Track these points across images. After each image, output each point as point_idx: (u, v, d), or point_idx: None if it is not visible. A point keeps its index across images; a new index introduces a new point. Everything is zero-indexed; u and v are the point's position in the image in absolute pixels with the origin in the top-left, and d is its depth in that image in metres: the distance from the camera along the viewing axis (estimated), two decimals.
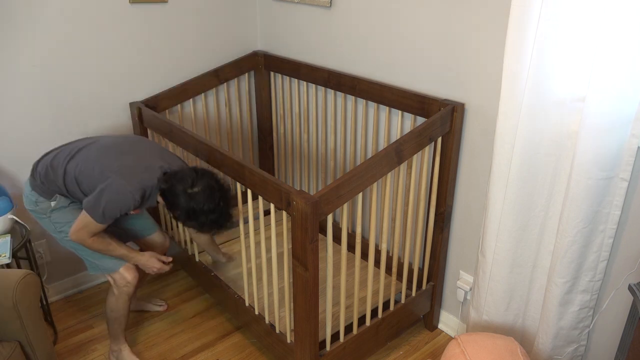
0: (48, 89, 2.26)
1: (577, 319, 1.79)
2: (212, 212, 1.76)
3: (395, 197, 2.16)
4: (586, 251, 1.68)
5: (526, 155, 1.70)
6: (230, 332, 2.35)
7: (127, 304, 2.03)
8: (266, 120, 2.92)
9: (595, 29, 1.48)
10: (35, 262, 2.18)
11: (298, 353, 1.86)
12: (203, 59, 2.68)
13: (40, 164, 1.91)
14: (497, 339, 1.77)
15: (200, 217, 1.76)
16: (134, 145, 1.92)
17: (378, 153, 1.73)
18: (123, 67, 2.44)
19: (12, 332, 1.65)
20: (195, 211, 1.75)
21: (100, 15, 2.30)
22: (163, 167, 1.83)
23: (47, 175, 1.88)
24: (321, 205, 1.59)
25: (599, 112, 1.49)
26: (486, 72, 1.85)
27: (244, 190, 2.74)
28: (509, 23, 1.58)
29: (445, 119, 1.90)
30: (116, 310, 2.04)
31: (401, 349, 2.25)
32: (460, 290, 2.20)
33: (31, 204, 1.93)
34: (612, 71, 1.43)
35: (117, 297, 2.01)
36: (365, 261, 2.26)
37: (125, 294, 2.00)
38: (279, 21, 2.70)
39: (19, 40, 2.13)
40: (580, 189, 1.59)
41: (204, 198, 1.74)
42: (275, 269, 1.88)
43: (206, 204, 1.74)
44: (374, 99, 2.21)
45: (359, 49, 2.30)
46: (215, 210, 1.77)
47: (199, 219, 1.77)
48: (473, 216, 2.08)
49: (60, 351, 2.24)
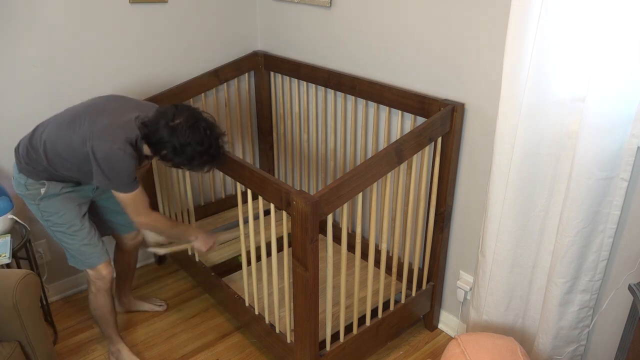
0: (48, 89, 2.26)
1: (577, 319, 1.79)
2: (200, 143, 1.69)
3: (395, 197, 2.16)
4: (586, 251, 1.68)
5: (526, 155, 1.70)
6: (230, 332, 2.35)
7: (107, 299, 2.03)
8: (266, 120, 2.92)
9: (595, 29, 1.48)
10: (35, 262, 2.18)
11: (298, 353, 1.86)
12: (203, 59, 2.68)
13: (21, 146, 1.87)
14: (497, 339, 1.77)
15: (187, 149, 1.68)
16: (105, 104, 1.84)
17: (378, 153, 1.73)
18: (123, 67, 2.44)
19: (12, 332, 1.65)
20: (182, 144, 1.67)
21: (100, 15, 2.30)
22: (140, 117, 1.76)
23: (28, 155, 1.82)
24: (321, 205, 1.59)
25: (599, 112, 1.49)
26: (486, 72, 1.85)
27: (244, 190, 2.74)
28: (509, 23, 1.58)
29: (445, 119, 1.91)
30: (98, 308, 2.04)
31: (401, 349, 2.25)
32: (460, 290, 2.20)
33: (21, 187, 1.88)
34: (612, 71, 1.43)
35: (95, 294, 2.00)
36: (365, 261, 2.26)
37: (102, 290, 2.00)
38: (279, 21, 2.70)
39: (19, 40, 2.13)
40: (580, 189, 1.59)
41: (187, 128, 1.66)
42: (275, 269, 1.88)
43: (191, 134, 1.67)
44: (374, 99, 2.21)
45: (359, 49, 2.30)
46: (204, 141, 1.69)
47: (186, 151, 1.68)
48: (473, 216, 2.08)
49: (60, 351, 2.24)
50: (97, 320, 2.08)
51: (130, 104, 1.86)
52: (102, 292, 2.00)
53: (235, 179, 1.90)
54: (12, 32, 2.11)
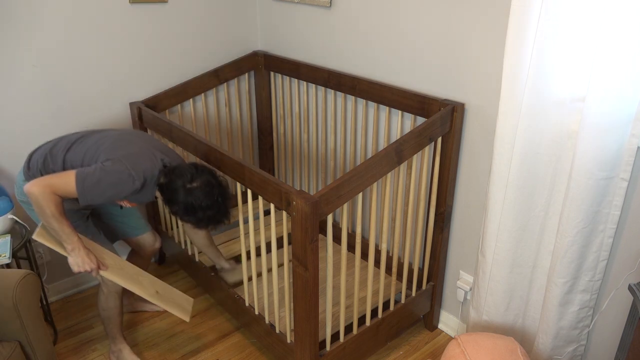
0: (48, 89, 2.26)
1: (577, 319, 1.79)
2: (210, 208, 1.76)
3: (395, 197, 2.16)
4: (586, 251, 1.68)
5: (526, 155, 1.70)
6: (230, 332, 2.35)
7: (117, 301, 2.03)
8: (266, 120, 2.92)
9: (595, 29, 1.48)
10: (35, 262, 2.18)
11: (298, 353, 1.86)
12: (203, 59, 2.68)
13: (38, 153, 1.87)
14: (497, 339, 1.77)
15: (198, 213, 1.75)
16: (136, 137, 1.90)
17: (378, 153, 1.73)
18: (123, 67, 2.44)
19: (12, 332, 1.65)
20: (194, 206, 1.74)
21: (100, 15, 2.30)
22: (164, 160, 1.82)
23: (45, 164, 1.83)
24: (321, 205, 1.59)
25: (599, 112, 1.49)
26: (486, 72, 1.85)
27: (244, 190, 2.74)
28: (509, 23, 1.58)
29: (445, 119, 1.91)
30: (107, 309, 2.04)
31: (401, 349, 2.25)
32: (460, 290, 2.20)
33: (23, 194, 1.89)
34: (612, 71, 1.43)
35: (107, 295, 2.00)
36: (365, 261, 2.26)
37: (114, 292, 2.00)
38: (279, 21, 2.70)
39: (19, 40, 2.13)
40: (580, 189, 1.59)
41: (202, 193, 1.74)
42: (275, 269, 1.88)
43: (204, 199, 1.74)
44: (374, 99, 2.21)
45: (359, 49, 2.30)
46: (213, 206, 1.76)
47: (196, 214, 1.76)
48: (473, 216, 2.08)
49: (60, 351, 2.24)
50: (104, 320, 2.08)
51: (157, 145, 1.90)
52: (113, 294, 2.01)
53: (235, 179, 1.90)
54: (12, 32, 2.11)
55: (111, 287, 1.98)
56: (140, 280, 1.98)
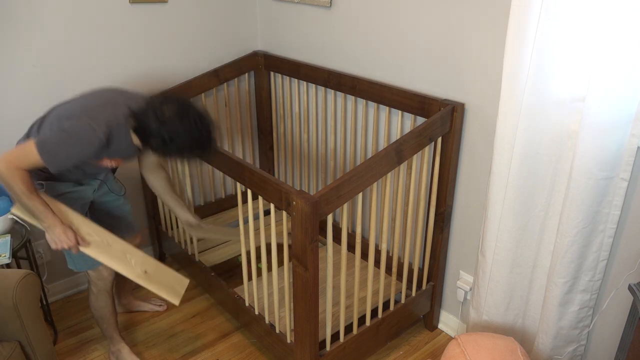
0: (48, 89, 2.26)
1: (577, 319, 1.79)
2: (190, 132, 1.61)
3: (395, 197, 2.16)
4: (586, 251, 1.68)
5: (526, 155, 1.70)
6: (230, 332, 2.35)
7: (108, 300, 2.02)
8: (266, 120, 2.92)
9: (595, 29, 1.48)
10: (35, 262, 2.18)
11: (298, 353, 1.86)
12: (203, 59, 2.68)
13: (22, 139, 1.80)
14: (497, 339, 1.77)
15: (178, 140, 1.60)
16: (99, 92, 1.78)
17: (378, 153, 1.73)
18: (123, 67, 2.44)
19: (12, 332, 1.65)
20: (171, 136, 1.59)
21: (100, 15, 2.30)
22: (130, 105, 1.68)
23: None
24: (321, 205, 1.59)
25: (599, 112, 1.49)
26: (486, 72, 1.85)
27: (244, 190, 2.74)
28: (509, 23, 1.58)
29: (445, 119, 1.91)
30: (99, 309, 2.04)
31: (401, 349, 2.25)
32: (460, 290, 2.20)
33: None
34: (612, 71, 1.43)
35: (96, 294, 2.00)
36: (365, 261, 2.26)
37: (103, 291, 1.99)
38: (279, 21, 2.70)
39: (19, 40, 2.13)
40: (580, 189, 1.59)
41: (177, 119, 1.59)
42: (275, 269, 1.88)
43: (181, 125, 1.59)
44: (374, 99, 2.21)
45: (359, 49, 2.30)
46: (193, 130, 1.62)
47: (176, 141, 1.60)
48: (473, 216, 2.08)
49: (60, 351, 2.24)
50: (98, 320, 2.08)
51: (124, 93, 1.79)
52: (102, 293, 2.00)
53: (235, 179, 1.90)
54: (12, 32, 2.11)
55: (100, 285, 1.98)
56: (128, 259, 1.87)
